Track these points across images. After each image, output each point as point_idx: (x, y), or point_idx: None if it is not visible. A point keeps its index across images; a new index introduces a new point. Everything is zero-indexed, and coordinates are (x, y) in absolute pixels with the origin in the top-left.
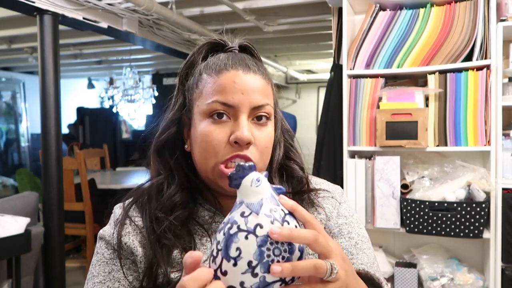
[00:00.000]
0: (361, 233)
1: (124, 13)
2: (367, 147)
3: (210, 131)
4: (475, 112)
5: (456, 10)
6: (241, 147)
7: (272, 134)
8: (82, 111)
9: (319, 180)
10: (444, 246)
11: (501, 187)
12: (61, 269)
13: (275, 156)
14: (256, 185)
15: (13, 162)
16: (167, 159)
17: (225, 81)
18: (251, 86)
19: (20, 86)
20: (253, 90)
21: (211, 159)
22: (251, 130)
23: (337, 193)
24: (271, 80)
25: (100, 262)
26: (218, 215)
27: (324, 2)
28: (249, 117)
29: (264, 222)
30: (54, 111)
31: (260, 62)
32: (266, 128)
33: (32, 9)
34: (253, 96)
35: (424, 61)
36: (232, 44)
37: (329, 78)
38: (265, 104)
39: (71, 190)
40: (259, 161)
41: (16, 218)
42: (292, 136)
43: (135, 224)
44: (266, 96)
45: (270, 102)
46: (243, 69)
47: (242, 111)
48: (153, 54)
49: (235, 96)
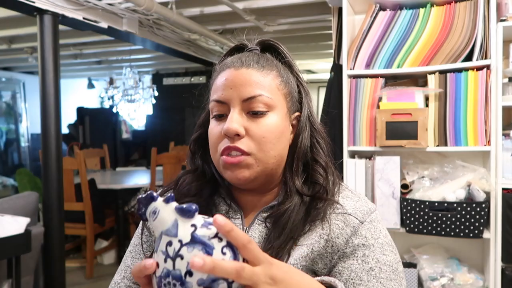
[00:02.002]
0: (383, 260)
1: (124, 13)
2: (367, 147)
3: (211, 128)
4: (475, 112)
5: (456, 10)
6: (232, 139)
7: (276, 124)
8: (82, 111)
9: (349, 194)
10: (444, 246)
11: (501, 187)
12: (61, 269)
13: (296, 148)
14: (153, 219)
15: (13, 162)
16: (197, 154)
17: (219, 80)
18: (241, 79)
19: (20, 86)
20: (242, 84)
21: (214, 154)
22: (244, 122)
23: (359, 210)
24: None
25: (136, 234)
26: (233, 210)
27: (324, 2)
28: (243, 110)
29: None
30: (54, 111)
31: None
32: (264, 119)
33: (32, 9)
34: (241, 89)
35: (424, 61)
36: (251, 45)
37: (329, 78)
38: (256, 95)
39: (71, 190)
40: (257, 151)
41: (16, 218)
42: (323, 134)
43: None
44: (260, 87)
45: (266, 92)
46: (235, 66)
47: (232, 105)
48: (153, 54)
49: (225, 92)
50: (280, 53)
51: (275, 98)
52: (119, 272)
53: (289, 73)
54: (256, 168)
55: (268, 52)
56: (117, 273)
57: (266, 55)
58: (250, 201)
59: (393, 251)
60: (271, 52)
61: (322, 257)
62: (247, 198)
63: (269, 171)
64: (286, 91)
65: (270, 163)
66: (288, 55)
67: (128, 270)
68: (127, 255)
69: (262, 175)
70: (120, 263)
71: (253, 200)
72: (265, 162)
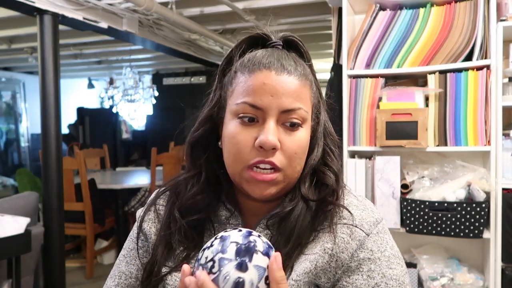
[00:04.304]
0: (390, 275)
1: (124, 13)
2: (367, 147)
3: (237, 133)
4: (475, 112)
5: (456, 10)
6: (266, 152)
7: (306, 139)
8: (82, 111)
9: (354, 201)
10: (444, 246)
11: (501, 187)
12: (61, 269)
13: (310, 160)
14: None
15: (13, 162)
16: (200, 155)
17: (255, 82)
18: (282, 88)
19: (20, 86)
20: (283, 93)
21: (238, 163)
22: (279, 135)
23: (366, 222)
24: (312, 80)
25: (129, 238)
26: (235, 217)
27: (324, 2)
28: (279, 121)
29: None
30: (54, 111)
31: (301, 60)
32: (297, 133)
33: (32, 9)
34: (283, 99)
35: (424, 61)
36: (275, 39)
37: (329, 78)
38: (296, 108)
39: (71, 190)
40: (287, 167)
41: (16, 218)
42: (335, 141)
43: (158, 213)
44: (300, 100)
45: (304, 105)
46: (276, 70)
47: (270, 114)
48: (153, 54)
49: (264, 99)
50: (303, 54)
51: (309, 112)
52: (113, 277)
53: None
54: (282, 184)
55: (290, 50)
56: (110, 277)
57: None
58: (254, 207)
59: (399, 263)
60: (293, 50)
61: (325, 272)
62: (252, 204)
63: (291, 186)
64: (315, 102)
65: (294, 178)
66: (309, 56)
67: (123, 276)
68: (121, 259)
69: (284, 190)
70: (113, 267)
71: (258, 206)
72: (291, 178)
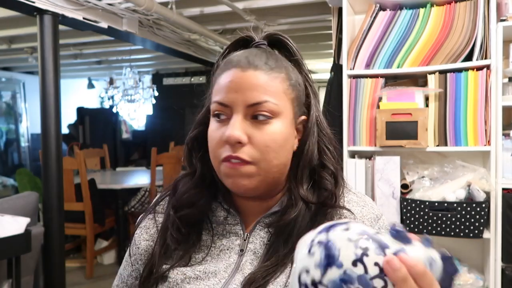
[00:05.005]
0: None
1: (124, 13)
2: (367, 147)
3: (212, 130)
4: (475, 112)
5: (456, 10)
6: (234, 147)
7: (280, 132)
8: (82, 111)
9: (354, 198)
10: (444, 246)
11: (501, 187)
12: (61, 269)
13: (304, 158)
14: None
15: (13, 162)
16: (196, 154)
17: (224, 81)
18: (246, 83)
19: (20, 86)
20: (248, 88)
21: (214, 159)
22: (248, 129)
23: (367, 218)
24: (291, 74)
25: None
26: (233, 216)
27: (324, 2)
28: (247, 115)
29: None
30: (54, 111)
31: (279, 56)
32: (268, 126)
33: (32, 9)
34: (247, 94)
35: (424, 61)
36: (258, 39)
37: (329, 78)
38: (262, 101)
39: (71, 190)
40: (260, 160)
41: (16, 218)
42: (330, 139)
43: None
44: (267, 93)
45: (272, 98)
46: (242, 67)
47: (236, 110)
48: (153, 54)
49: (229, 95)
50: (289, 50)
51: (281, 104)
52: (116, 278)
53: (298, 73)
54: (257, 178)
55: (276, 48)
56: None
57: (274, 53)
58: (250, 207)
59: None
60: (279, 48)
61: None
62: (247, 203)
63: (270, 180)
64: (294, 96)
65: (272, 172)
66: (297, 52)
67: (120, 278)
68: (123, 262)
69: (263, 184)
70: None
71: (254, 205)
72: (267, 172)
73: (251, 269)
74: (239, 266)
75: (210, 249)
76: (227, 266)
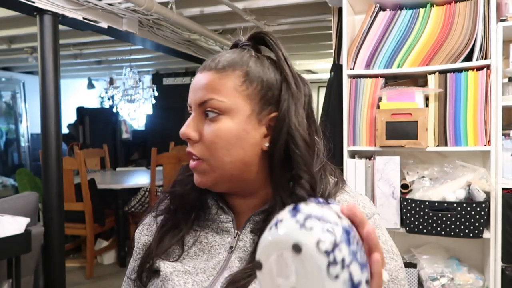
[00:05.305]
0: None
1: (124, 13)
2: (367, 147)
3: None
4: (475, 112)
5: (456, 10)
6: (189, 143)
7: (229, 130)
8: (82, 111)
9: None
10: (444, 246)
11: (501, 187)
12: (61, 269)
13: (272, 155)
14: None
15: (13, 162)
16: None
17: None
18: (198, 84)
19: (20, 86)
20: (198, 88)
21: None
22: (199, 127)
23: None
24: (250, 70)
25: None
26: (225, 214)
27: (324, 2)
28: (201, 114)
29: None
30: (54, 111)
31: (247, 55)
32: (216, 123)
33: (32, 9)
34: (197, 94)
35: (424, 61)
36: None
37: (329, 78)
38: (207, 99)
39: (71, 190)
40: (210, 157)
41: (16, 218)
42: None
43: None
44: (213, 91)
45: (218, 96)
46: (201, 70)
47: (193, 109)
48: (153, 54)
49: (189, 96)
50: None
51: (229, 101)
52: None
53: (270, 69)
54: (212, 174)
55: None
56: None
57: (250, 52)
58: (239, 204)
59: (393, 257)
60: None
61: None
62: (235, 201)
63: (229, 176)
64: (252, 91)
65: (227, 169)
66: (277, 49)
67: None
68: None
69: (223, 181)
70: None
71: (241, 203)
72: (220, 168)
73: (239, 267)
74: (228, 263)
75: (203, 245)
76: (216, 263)
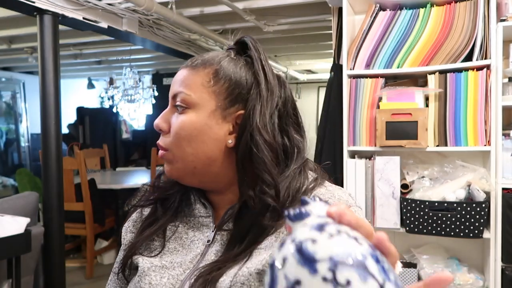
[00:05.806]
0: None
1: (124, 13)
2: (367, 147)
3: None
4: (475, 112)
5: (456, 10)
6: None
7: (192, 122)
8: (82, 111)
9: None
10: (444, 246)
11: (501, 187)
12: (61, 269)
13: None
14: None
15: (13, 162)
16: None
17: None
18: (175, 79)
19: (20, 86)
20: (174, 82)
21: None
22: (170, 119)
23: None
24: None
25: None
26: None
27: (324, 2)
28: (174, 106)
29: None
30: (54, 111)
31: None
32: (181, 116)
33: (32, 9)
34: (173, 87)
35: (424, 61)
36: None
37: (329, 78)
38: (177, 92)
39: (71, 190)
40: (173, 147)
41: (16, 218)
42: (268, 142)
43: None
44: (184, 85)
45: (187, 90)
46: (181, 66)
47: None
48: (153, 54)
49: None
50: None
51: (196, 96)
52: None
53: (243, 69)
54: (176, 164)
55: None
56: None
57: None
58: (217, 200)
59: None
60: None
61: None
62: (213, 197)
63: (192, 169)
64: (219, 88)
65: (189, 161)
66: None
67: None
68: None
69: (187, 172)
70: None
71: (219, 199)
72: (183, 160)
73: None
74: (204, 257)
75: (183, 240)
76: (193, 257)
